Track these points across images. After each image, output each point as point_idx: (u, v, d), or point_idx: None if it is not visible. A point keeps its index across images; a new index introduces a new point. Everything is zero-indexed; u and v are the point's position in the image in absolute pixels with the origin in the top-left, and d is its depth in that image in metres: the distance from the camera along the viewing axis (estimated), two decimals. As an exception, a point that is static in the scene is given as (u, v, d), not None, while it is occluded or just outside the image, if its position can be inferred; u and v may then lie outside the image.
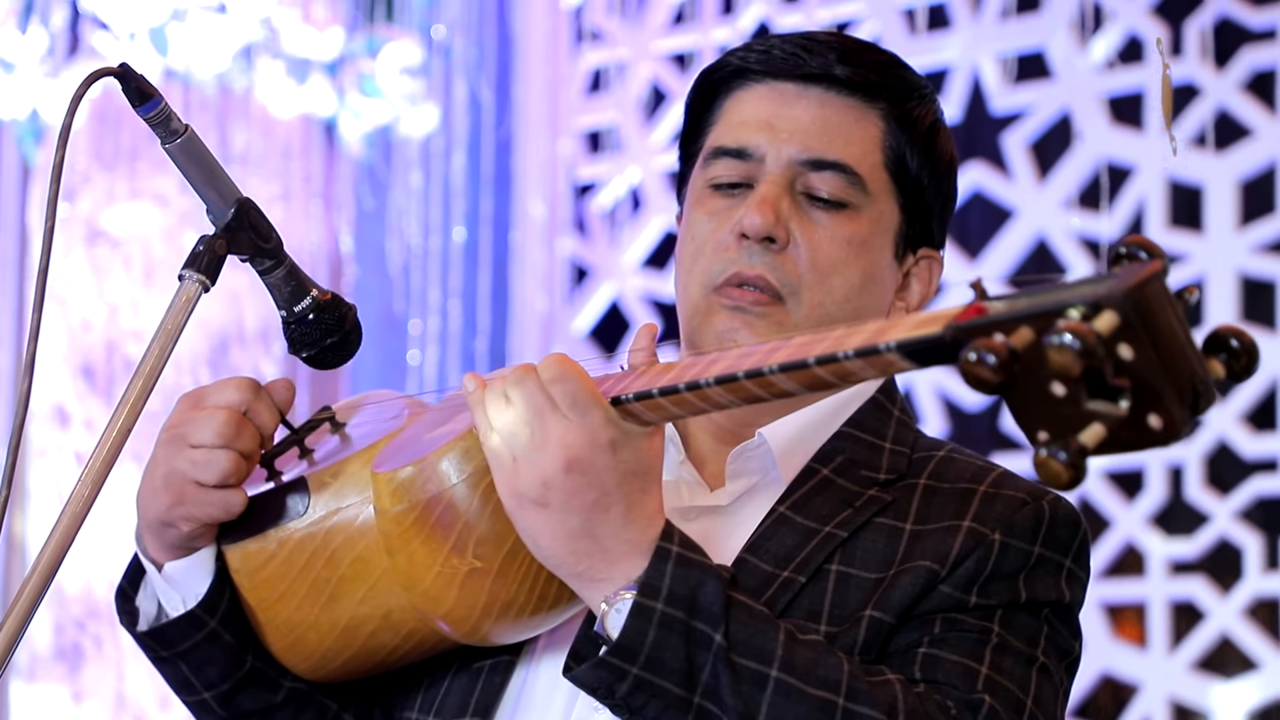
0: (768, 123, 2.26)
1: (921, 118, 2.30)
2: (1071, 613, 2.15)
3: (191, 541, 2.20)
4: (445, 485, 2.02)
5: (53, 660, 5.70)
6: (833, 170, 2.24)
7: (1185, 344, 1.58)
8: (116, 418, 2.02)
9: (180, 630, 2.22)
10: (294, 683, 2.27)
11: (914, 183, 2.29)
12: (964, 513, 2.12)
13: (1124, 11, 5.35)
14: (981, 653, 2.06)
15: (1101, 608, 5.24)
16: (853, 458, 2.21)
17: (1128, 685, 5.22)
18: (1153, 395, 1.55)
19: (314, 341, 2.21)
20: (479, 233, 6.38)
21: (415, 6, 6.22)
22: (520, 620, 2.07)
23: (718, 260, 2.24)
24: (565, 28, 6.41)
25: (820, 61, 2.27)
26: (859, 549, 2.12)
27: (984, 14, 5.58)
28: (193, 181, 2.16)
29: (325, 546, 2.12)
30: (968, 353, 1.57)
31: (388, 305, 6.33)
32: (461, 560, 2.02)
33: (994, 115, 5.57)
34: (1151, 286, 1.56)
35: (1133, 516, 5.24)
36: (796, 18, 5.84)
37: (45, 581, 1.98)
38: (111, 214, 5.80)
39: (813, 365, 1.76)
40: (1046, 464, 1.56)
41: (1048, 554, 2.12)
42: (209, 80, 5.80)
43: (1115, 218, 5.32)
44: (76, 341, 5.82)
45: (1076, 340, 1.51)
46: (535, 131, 6.38)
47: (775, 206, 2.22)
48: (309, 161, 6.09)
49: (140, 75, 2.11)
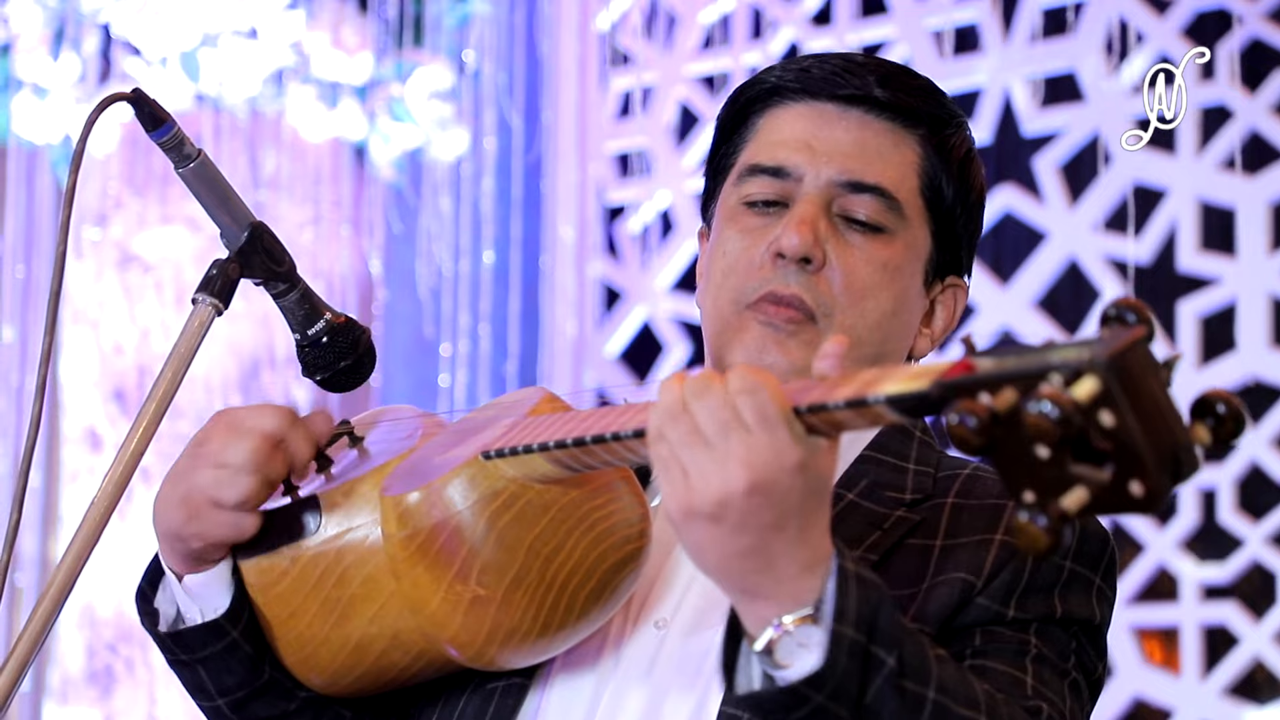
0: (806, 142, 2.25)
1: (957, 146, 2.29)
2: (1100, 634, 2.13)
3: (204, 555, 2.21)
4: (450, 512, 2.02)
5: (85, 683, 5.71)
6: (871, 194, 2.23)
7: (1167, 411, 1.56)
8: (130, 440, 2.01)
9: (201, 638, 2.22)
10: (309, 692, 2.27)
11: (947, 211, 2.28)
12: (995, 526, 2.10)
13: (1155, 34, 5.34)
14: (1024, 664, 2.04)
15: (1133, 632, 5.22)
16: (877, 480, 2.19)
17: (1160, 710, 5.20)
18: (1135, 462, 1.53)
19: (328, 364, 2.21)
20: (509, 256, 6.39)
21: (445, 30, 6.24)
22: (525, 646, 2.07)
23: (752, 278, 2.22)
24: (596, 51, 6.42)
25: (860, 83, 2.25)
26: (891, 571, 2.09)
27: (1014, 36, 5.57)
28: (206, 205, 2.16)
29: (336, 565, 2.13)
30: (950, 415, 1.56)
31: (418, 329, 6.34)
32: (465, 587, 2.02)
33: (1025, 137, 5.57)
34: (1134, 353, 1.55)
35: (1165, 541, 5.22)
36: (827, 40, 5.84)
37: (57, 603, 1.99)
38: (143, 239, 5.82)
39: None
40: (1026, 529, 1.55)
41: (1079, 569, 2.10)
42: (240, 105, 5.82)
43: (1146, 240, 5.30)
44: (109, 365, 5.84)
45: (1055, 408, 1.51)
46: (566, 155, 6.39)
47: (814, 227, 2.20)
48: (339, 185, 6.11)
49: (153, 100, 2.11)
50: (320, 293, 2.24)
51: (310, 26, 5.95)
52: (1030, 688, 2.02)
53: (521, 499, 2.01)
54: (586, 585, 2.03)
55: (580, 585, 2.03)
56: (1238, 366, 5.16)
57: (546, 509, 1.95)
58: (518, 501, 2.01)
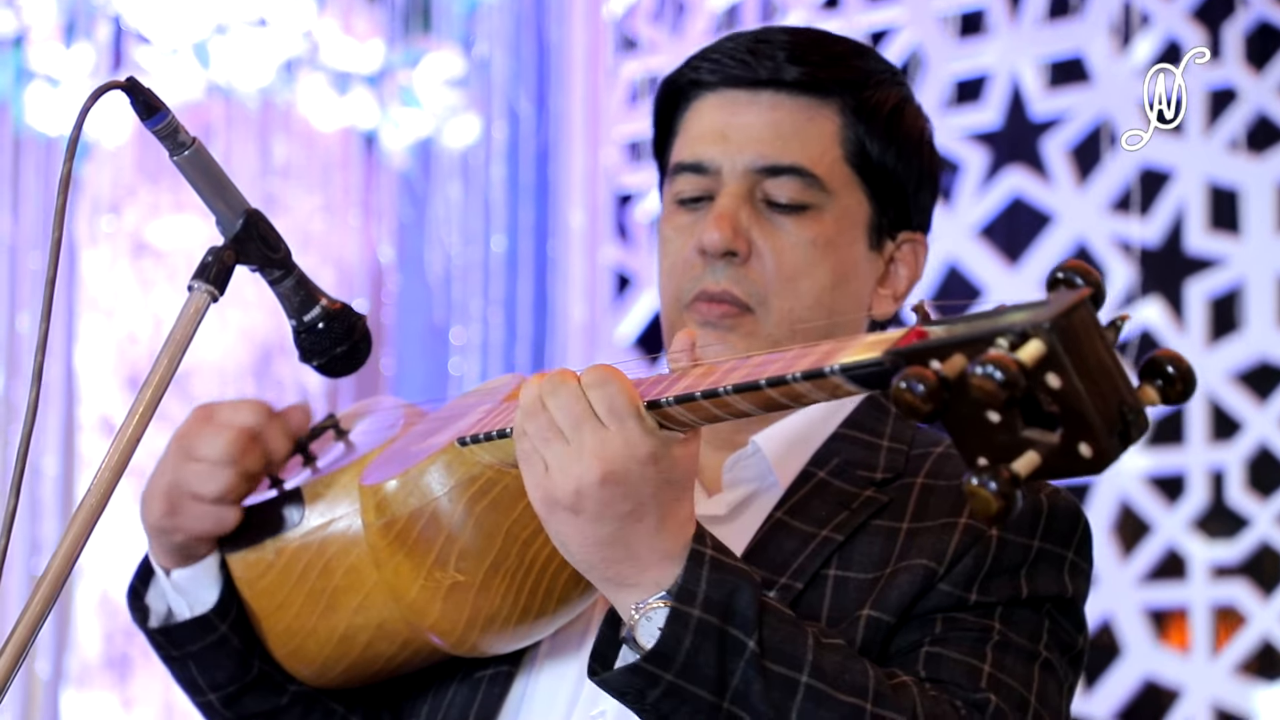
0: (721, 134, 2.25)
1: (881, 103, 2.27)
2: (1075, 606, 2.13)
3: (190, 549, 2.23)
4: (428, 499, 2.03)
5: (102, 668, 5.75)
6: (789, 174, 2.23)
7: (1114, 372, 1.57)
8: (125, 427, 2.02)
9: (191, 633, 2.25)
10: (299, 686, 2.29)
11: (879, 169, 2.27)
12: (960, 509, 2.11)
13: (1162, 15, 5.34)
14: (983, 651, 2.04)
15: (1143, 612, 5.22)
16: (849, 459, 2.20)
17: (1170, 690, 5.21)
18: (1082, 423, 1.54)
19: (323, 350, 2.23)
20: (519, 242, 6.41)
21: (454, 18, 6.25)
22: (505, 632, 2.08)
23: (686, 278, 2.24)
24: (606, 37, 6.43)
25: (769, 65, 2.24)
26: (855, 553, 2.11)
27: (1023, 19, 5.57)
28: (201, 193, 2.18)
29: (320, 557, 2.14)
30: (898, 380, 1.56)
31: (429, 315, 6.36)
32: (444, 573, 2.03)
33: (1033, 120, 5.56)
34: (1078, 314, 1.55)
35: (1174, 521, 5.22)
36: (837, 23, 5.83)
37: (54, 592, 1.98)
38: (156, 227, 5.85)
39: (764, 387, 1.75)
40: (977, 493, 1.55)
41: (1048, 547, 2.10)
42: (251, 94, 5.84)
43: (1154, 222, 5.30)
44: (124, 354, 5.87)
45: (998, 370, 1.51)
46: (576, 141, 6.40)
47: (732, 220, 2.21)
48: (349, 173, 6.13)
49: (148, 89, 2.13)
50: (332, 280, 2.27)
51: (320, 14, 5.97)
52: (986, 676, 2.02)
53: (498, 484, 2.02)
54: (565, 569, 2.03)
55: (559, 570, 2.04)
56: (1246, 347, 5.16)
57: (523, 494, 1.94)
58: (494, 487, 2.02)
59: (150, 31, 5.77)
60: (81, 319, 5.95)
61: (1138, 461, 5.23)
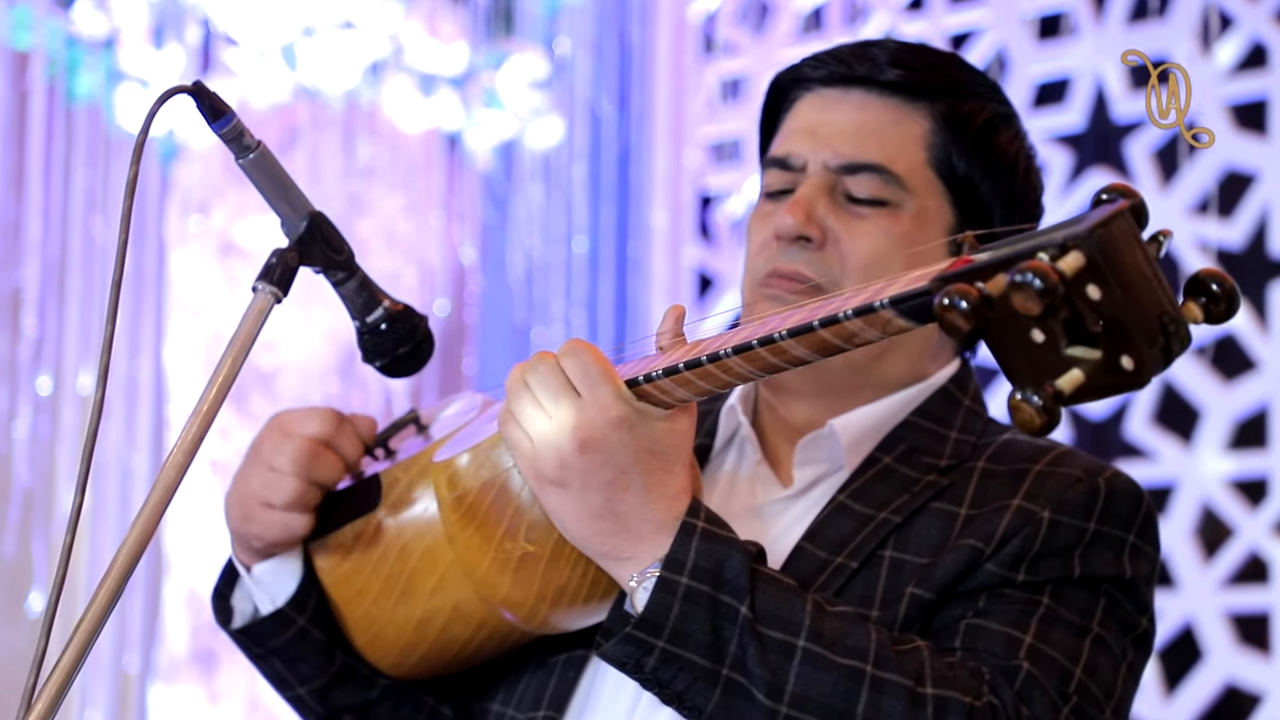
0: (810, 131, 2.30)
1: (973, 114, 2.29)
2: (1136, 587, 2.12)
3: (268, 552, 2.28)
4: (498, 471, 2.07)
5: (189, 663, 5.82)
6: (867, 172, 2.26)
7: (1154, 283, 1.56)
8: (190, 426, 2.04)
9: (271, 628, 2.29)
10: (389, 679, 2.33)
11: (965, 181, 2.29)
12: (1015, 492, 2.12)
13: (1248, 17, 5.31)
14: (1027, 623, 2.04)
15: (1225, 617, 5.19)
16: (915, 445, 2.23)
17: (1251, 695, 5.17)
18: (1123, 335, 1.53)
19: (386, 351, 2.25)
20: (600, 243, 6.43)
21: (538, 20, 6.28)
22: (575, 606, 2.10)
23: (761, 259, 2.29)
24: (692, 39, 6.44)
25: (867, 67, 2.29)
26: (913, 534, 2.13)
27: (1108, 21, 5.55)
28: (266, 195, 2.19)
29: (397, 540, 2.17)
30: (940, 298, 1.57)
31: (510, 315, 6.40)
32: (514, 545, 2.07)
33: (1117, 123, 5.54)
34: (1118, 225, 1.55)
35: (1257, 525, 5.19)
36: (921, 25, 5.83)
37: (118, 588, 2.02)
38: (243, 227, 5.91)
39: (818, 328, 1.76)
40: (1020, 407, 1.55)
41: (1105, 529, 2.11)
42: (337, 95, 5.89)
43: (1238, 224, 5.27)
44: (211, 353, 5.93)
45: (1036, 278, 1.51)
46: (659, 142, 6.42)
47: (806, 207, 2.24)
48: (432, 174, 6.17)
49: (214, 93, 2.15)
50: (414, 280, 2.30)
51: (406, 17, 6.02)
52: (1026, 647, 2.02)
53: None
54: None
55: None
56: (1330, 350, 5.13)
57: None
58: None
59: (239, 34, 5.82)
60: (170, 318, 6.01)
61: (1220, 465, 5.20)
